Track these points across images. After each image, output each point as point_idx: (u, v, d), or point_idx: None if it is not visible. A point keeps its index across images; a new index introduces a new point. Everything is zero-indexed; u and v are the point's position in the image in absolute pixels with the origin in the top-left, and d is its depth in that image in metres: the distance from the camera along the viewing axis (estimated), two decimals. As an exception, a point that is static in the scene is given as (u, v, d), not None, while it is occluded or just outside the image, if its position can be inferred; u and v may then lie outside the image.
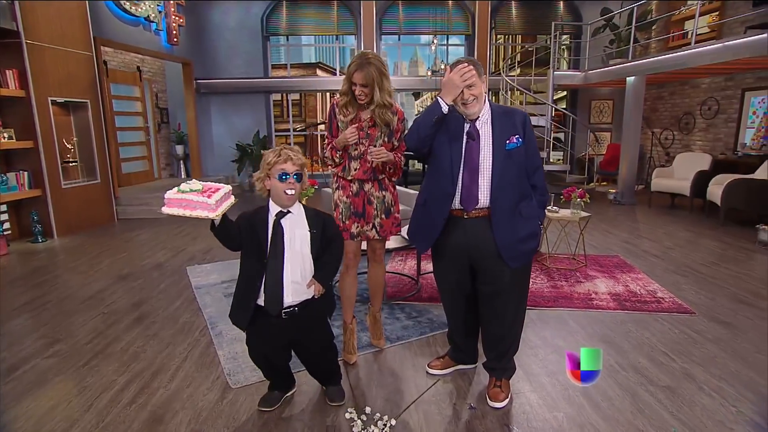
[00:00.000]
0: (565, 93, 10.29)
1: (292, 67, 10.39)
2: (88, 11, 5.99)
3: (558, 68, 8.65)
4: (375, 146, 2.36)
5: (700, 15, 6.71)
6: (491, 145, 1.98)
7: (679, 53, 6.22)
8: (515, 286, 2.09)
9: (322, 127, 10.46)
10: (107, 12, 6.60)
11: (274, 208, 1.91)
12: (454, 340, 2.40)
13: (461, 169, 2.02)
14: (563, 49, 10.20)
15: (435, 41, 9.01)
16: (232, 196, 1.85)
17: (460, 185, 2.03)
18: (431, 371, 2.41)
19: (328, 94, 12.07)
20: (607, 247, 4.77)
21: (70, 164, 5.96)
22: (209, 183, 1.80)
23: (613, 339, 2.77)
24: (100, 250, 4.90)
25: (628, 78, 7.13)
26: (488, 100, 2.02)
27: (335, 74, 10.43)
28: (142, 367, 2.50)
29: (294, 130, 10.15)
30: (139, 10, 7.13)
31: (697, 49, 5.82)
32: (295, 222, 1.91)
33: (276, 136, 9.86)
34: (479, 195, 2.00)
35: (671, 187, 6.86)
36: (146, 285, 3.81)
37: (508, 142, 1.97)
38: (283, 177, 1.85)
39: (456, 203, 2.04)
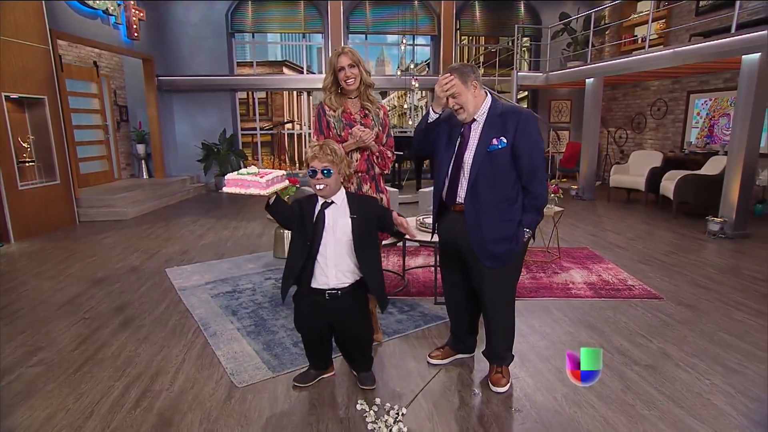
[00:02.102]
0: (526, 93, 10.69)
1: (258, 65, 10.19)
2: (44, 2, 5.66)
3: (519, 69, 8.99)
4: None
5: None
6: (475, 147, 2.07)
7: (635, 57, 6.64)
8: (494, 286, 2.14)
9: (289, 126, 10.34)
10: (63, 3, 6.24)
11: (321, 198, 2.06)
12: (453, 330, 2.50)
13: (450, 167, 2.14)
14: (524, 51, 10.59)
15: (404, 41, 9.12)
16: (287, 180, 2.12)
17: (447, 181, 2.16)
18: (432, 361, 2.50)
19: (295, 92, 11.96)
20: (575, 240, 5.05)
21: (27, 164, 5.61)
22: (265, 169, 2.05)
23: (594, 324, 2.97)
24: (66, 254, 4.66)
25: (587, 80, 7.52)
26: (493, 100, 2.11)
27: (302, 72, 10.32)
28: (139, 371, 2.44)
29: (261, 128, 9.96)
30: (97, 2, 6.79)
31: (651, 54, 6.24)
32: (337, 211, 2.05)
33: (242, 134, 9.64)
34: (459, 191, 2.12)
35: (627, 183, 7.32)
36: (125, 288, 3.68)
37: (490, 144, 2.03)
38: (311, 173, 2.01)
39: (443, 197, 2.20)
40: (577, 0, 9.73)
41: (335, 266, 2.04)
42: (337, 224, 2.03)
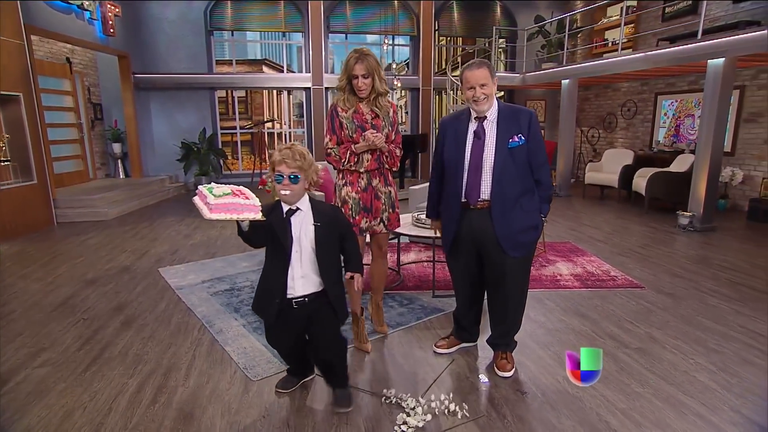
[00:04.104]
0: (502, 93, 10.97)
1: (238, 63, 10.08)
2: (18, -4, 5.48)
3: (496, 70, 9.24)
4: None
5: (617, 27, 7.55)
6: (494, 144, 2.19)
7: (609, 60, 6.94)
8: (516, 274, 2.28)
9: (269, 125, 10.27)
10: (37, -2, 6.04)
11: (284, 206, 1.95)
12: (460, 320, 2.61)
13: (465, 166, 2.24)
14: (500, 52, 10.86)
15: (386, 41, 9.22)
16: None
17: (465, 180, 2.24)
18: (438, 351, 2.61)
19: (275, 91, 11.88)
20: (558, 235, 5.27)
21: (2, 164, 5.42)
22: (228, 186, 1.81)
23: (585, 313, 3.15)
24: (49, 256, 4.54)
25: (563, 81, 7.81)
26: (497, 101, 2.24)
27: (282, 71, 10.27)
28: (150, 369, 2.45)
29: (241, 128, 9.86)
30: (72, -3, 6.60)
31: (624, 57, 6.56)
32: (303, 218, 1.95)
33: (222, 133, 9.52)
34: (482, 188, 2.22)
35: (602, 180, 7.65)
36: (120, 288, 3.64)
37: (510, 140, 2.17)
38: (278, 179, 1.88)
39: (462, 196, 2.26)
40: (552, 0, 10.07)
41: (302, 276, 1.96)
42: (302, 231, 1.93)
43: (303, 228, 1.93)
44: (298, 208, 1.94)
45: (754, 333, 2.84)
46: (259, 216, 1.74)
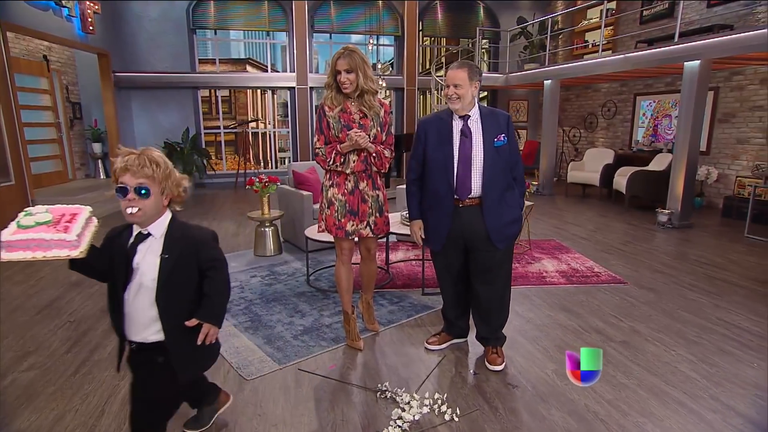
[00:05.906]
0: (486, 93, 11.11)
1: (221, 63, 9.98)
2: (-7, -8, 5.34)
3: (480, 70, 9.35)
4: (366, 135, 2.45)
5: (598, 29, 7.74)
6: (482, 143, 2.28)
7: (590, 61, 7.10)
8: (503, 264, 2.40)
9: (253, 125, 10.19)
10: (13, -6, 5.88)
11: (136, 229, 1.54)
12: (449, 316, 2.66)
13: (455, 164, 2.29)
14: (483, 53, 10.99)
15: (371, 41, 9.25)
16: (95, 219, 1.53)
17: (455, 178, 2.30)
18: (430, 347, 2.65)
19: (259, 91, 11.79)
20: (542, 233, 5.38)
21: (-21, 164, 5.28)
22: (60, 206, 1.50)
23: (571, 308, 3.23)
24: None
25: (545, 81, 7.95)
26: (477, 103, 2.32)
27: (266, 70, 10.20)
28: (142, 370, 2.43)
29: (225, 127, 9.76)
30: (50, -7, 6.45)
31: (604, 59, 6.72)
32: (150, 247, 1.52)
33: (205, 133, 9.42)
34: (472, 185, 2.29)
35: (583, 179, 7.82)
36: (107, 291, 3.57)
37: (495, 140, 2.27)
38: (120, 192, 1.45)
39: (454, 193, 2.32)
40: (535, 0, 10.24)
41: (134, 318, 1.56)
42: (144, 263, 1.50)
43: (147, 260, 1.51)
44: (149, 233, 1.52)
45: (731, 324, 2.96)
46: (74, 254, 1.36)
